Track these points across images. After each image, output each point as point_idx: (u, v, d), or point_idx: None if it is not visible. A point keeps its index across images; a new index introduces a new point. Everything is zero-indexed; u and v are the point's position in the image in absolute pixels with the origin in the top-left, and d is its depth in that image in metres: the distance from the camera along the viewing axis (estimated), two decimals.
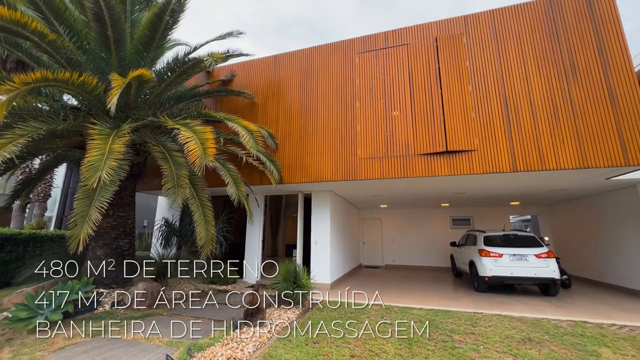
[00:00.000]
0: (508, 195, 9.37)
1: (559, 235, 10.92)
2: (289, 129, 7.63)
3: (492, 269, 6.95)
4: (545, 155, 5.57)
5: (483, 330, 4.54)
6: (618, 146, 5.24)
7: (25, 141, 3.83)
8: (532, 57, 6.04)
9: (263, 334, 4.32)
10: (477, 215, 12.26)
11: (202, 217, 5.13)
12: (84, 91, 4.45)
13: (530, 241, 7.25)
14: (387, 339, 4.19)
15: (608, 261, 8.06)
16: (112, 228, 5.89)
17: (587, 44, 5.78)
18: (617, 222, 7.64)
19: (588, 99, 5.56)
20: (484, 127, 6.04)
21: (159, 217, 9.65)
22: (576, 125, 5.53)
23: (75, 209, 3.92)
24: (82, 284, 4.97)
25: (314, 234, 8.20)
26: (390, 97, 6.81)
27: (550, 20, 6.09)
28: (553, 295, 6.84)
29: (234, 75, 8.48)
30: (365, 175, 6.66)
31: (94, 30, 4.95)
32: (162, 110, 6.27)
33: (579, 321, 4.96)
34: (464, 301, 6.50)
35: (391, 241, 13.04)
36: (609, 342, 4.10)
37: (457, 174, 6.06)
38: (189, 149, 4.21)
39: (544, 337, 4.30)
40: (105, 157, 3.82)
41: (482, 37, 6.47)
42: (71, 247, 3.80)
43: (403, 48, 7.02)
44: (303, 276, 6.00)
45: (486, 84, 6.22)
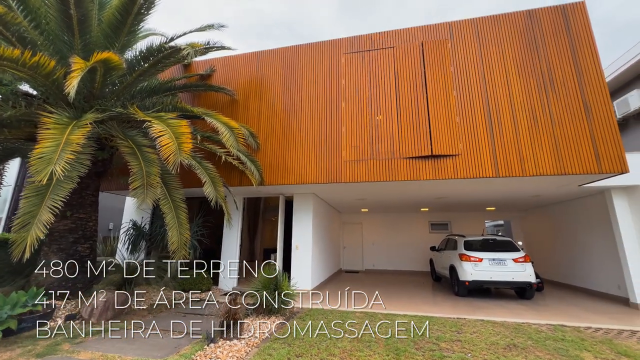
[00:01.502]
0: (485, 201, 9.61)
1: (530, 240, 11.38)
2: (272, 129, 7.31)
3: (472, 273, 7.01)
4: (526, 161, 5.69)
5: (469, 337, 4.46)
6: (592, 154, 5.46)
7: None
8: (513, 66, 6.20)
9: (241, 348, 3.96)
10: (455, 220, 12.53)
11: (175, 220, 4.67)
12: (38, 74, 3.89)
13: (508, 246, 7.42)
14: (374, 348, 3.99)
15: (577, 265, 8.44)
16: (70, 231, 5.24)
17: (563, 57, 6.01)
18: (587, 228, 8.03)
19: (565, 109, 5.76)
20: (468, 132, 6.09)
21: (126, 219, 8.89)
22: (554, 134, 5.71)
23: (22, 209, 3.36)
24: (29, 296, 4.33)
25: (295, 238, 7.89)
26: (377, 99, 6.72)
27: (530, 33, 6.30)
28: (529, 298, 7.01)
29: (213, 70, 8.04)
30: (349, 177, 6.48)
31: (54, 7, 4.39)
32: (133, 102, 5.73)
33: (557, 325, 5.04)
34: (446, 306, 6.48)
35: (371, 245, 12.98)
36: (589, 346, 4.16)
37: (442, 178, 6.05)
38: (162, 143, 3.79)
39: (528, 342, 4.30)
40: (60, 149, 3.31)
41: (466, 44, 6.57)
42: (15, 253, 3.24)
43: (389, 51, 6.98)
44: (284, 282, 5.67)
45: (470, 90, 6.30)
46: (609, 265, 7.16)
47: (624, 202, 6.78)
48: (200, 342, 4.15)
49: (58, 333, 4.24)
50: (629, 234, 6.58)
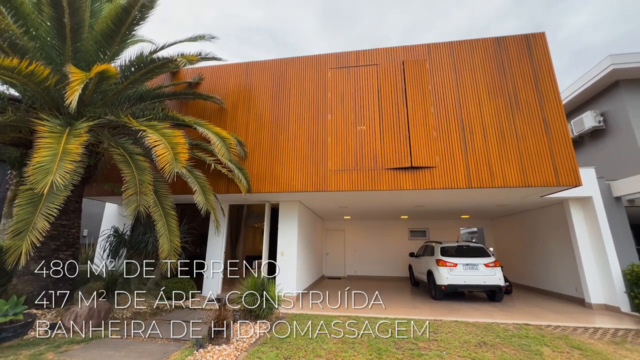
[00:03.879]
0: (460, 209, 10.24)
1: (500, 246, 12.17)
2: (259, 138, 7.51)
3: (448, 277, 7.47)
4: (495, 173, 6.25)
5: (444, 337, 4.83)
6: (551, 169, 6.10)
7: None
8: (484, 86, 6.82)
9: (231, 352, 4.09)
10: (433, 227, 13.15)
11: (165, 227, 4.73)
12: (31, 82, 3.90)
13: (480, 252, 7.97)
14: (358, 349, 4.25)
15: (541, 269, 9.18)
16: (52, 238, 5.14)
17: (527, 80, 6.70)
18: (548, 235, 8.80)
19: (528, 127, 6.40)
20: (444, 146, 6.59)
21: (105, 226, 8.70)
22: (519, 149, 6.32)
23: (16, 216, 3.34)
24: (10, 305, 4.23)
25: (280, 245, 8.05)
26: (360, 112, 7.12)
27: (499, 57, 6.97)
28: (499, 300, 7.56)
29: (202, 78, 8.16)
30: (335, 186, 6.79)
31: (47, 15, 4.42)
32: (121, 109, 5.76)
33: (522, 324, 5.54)
34: (424, 309, 6.86)
35: (353, 252, 13.31)
36: (548, 341, 4.64)
37: (420, 188, 6.48)
38: (158, 153, 3.90)
39: (496, 340, 4.72)
40: (58, 159, 3.35)
41: (443, 64, 7.14)
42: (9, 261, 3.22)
43: (373, 67, 7.44)
44: (271, 289, 5.83)
45: (446, 107, 6.84)
46: (568, 269, 7.89)
47: (580, 212, 7.54)
48: (189, 347, 4.23)
49: (40, 342, 4.17)
50: (584, 241, 7.31)
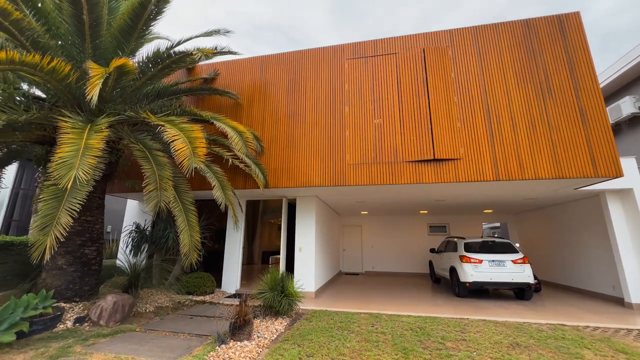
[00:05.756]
0: (483, 204, 9.81)
1: (526, 242, 11.62)
2: (276, 132, 7.41)
3: (472, 274, 7.16)
4: (525, 165, 5.87)
5: (473, 337, 4.59)
6: (588, 159, 5.66)
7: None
8: (512, 73, 6.40)
9: (252, 348, 4.03)
10: (453, 222, 12.73)
11: (185, 223, 4.72)
12: (53, 79, 3.94)
13: (507, 247, 7.60)
14: (383, 348, 4.09)
15: (572, 266, 8.67)
16: (78, 234, 5.25)
17: (560, 65, 6.23)
18: (582, 230, 8.27)
19: (562, 115, 5.97)
20: (469, 137, 6.26)
21: (127, 222, 8.90)
22: (552, 139, 5.90)
23: (41, 212, 3.39)
24: (40, 299, 4.34)
25: (298, 240, 7.97)
26: (379, 104, 6.87)
27: (528, 41, 6.52)
28: (527, 299, 7.18)
29: (217, 73, 8.12)
30: (353, 181, 6.60)
31: (67, 13, 4.45)
32: (140, 105, 5.79)
33: (557, 324, 5.20)
34: (448, 307, 6.60)
35: (371, 247, 13.11)
36: (588, 344, 4.31)
37: (444, 181, 6.20)
38: (177, 148, 3.86)
39: (530, 341, 4.44)
40: (80, 153, 3.37)
41: (466, 51, 6.76)
42: (34, 256, 3.27)
43: (392, 57, 7.15)
44: (290, 285, 5.76)
45: (470, 95, 6.48)
46: (604, 266, 7.39)
47: (618, 205, 7.01)
48: (210, 343, 4.21)
49: (69, 335, 4.26)
50: (623, 236, 6.80)
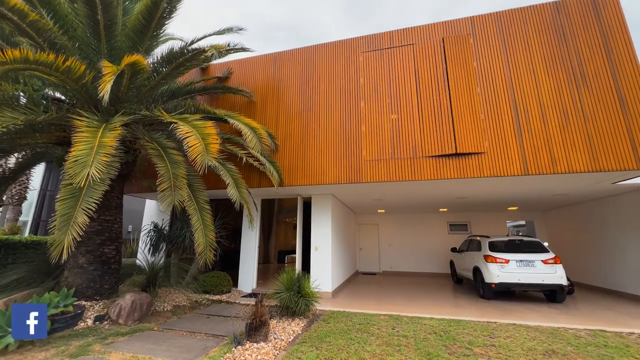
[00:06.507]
0: (508, 200, 9.30)
1: (555, 241, 10.95)
2: (290, 130, 7.28)
3: (499, 275, 6.77)
4: (557, 158, 5.45)
5: (503, 342, 4.28)
6: (630, 150, 5.18)
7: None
8: (540, 60, 5.97)
9: (269, 350, 3.91)
10: (475, 220, 12.20)
11: (200, 222, 4.67)
12: (69, 79, 3.97)
13: (536, 246, 7.14)
14: (405, 353, 3.86)
15: (609, 267, 8.05)
16: (97, 233, 5.32)
17: (595, 49, 5.75)
18: (620, 227, 7.65)
19: (598, 103, 5.50)
20: (494, 130, 5.89)
21: (146, 221, 9.04)
22: (587, 129, 5.45)
23: (58, 211, 3.42)
24: (61, 297, 4.40)
25: (314, 239, 7.82)
26: (397, 97, 6.60)
27: (558, 25, 6.06)
28: (560, 302, 6.71)
29: (231, 72, 8.09)
30: (370, 177, 6.37)
31: (82, 14, 4.49)
32: (155, 105, 5.81)
33: (596, 330, 4.78)
34: (473, 309, 6.26)
35: (388, 246, 12.79)
36: (635, 352, 3.91)
37: (466, 177, 5.86)
38: (189, 144, 3.80)
39: (567, 348, 4.08)
40: (94, 152, 3.36)
41: (489, 38, 6.38)
42: (53, 255, 3.29)
43: (409, 48, 6.85)
44: (307, 285, 5.61)
45: (495, 85, 6.10)
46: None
47: None
48: (227, 344, 4.12)
49: (88, 333, 4.29)
50: None
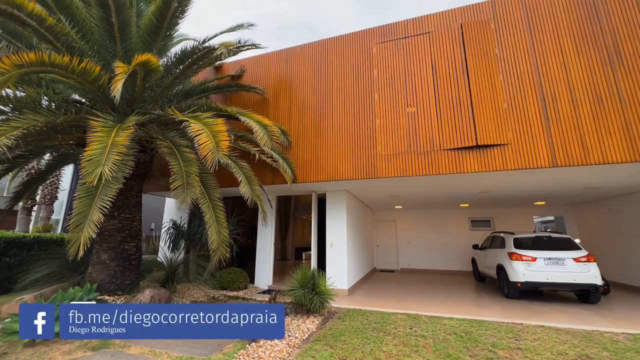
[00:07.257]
0: (534, 195, 8.77)
1: (587, 237, 10.24)
2: (303, 126, 7.20)
3: (525, 273, 6.39)
4: (590, 147, 5.03)
5: (530, 345, 4.01)
6: None
7: (19, 133, 3.47)
8: (570, 41, 5.52)
9: (283, 348, 3.87)
10: (498, 216, 11.65)
11: (213, 219, 4.71)
12: (85, 81, 4.09)
13: (566, 244, 6.67)
14: (423, 354, 3.70)
15: None
16: (118, 230, 5.51)
17: (632, 26, 5.24)
18: None
19: (636, 84, 5.01)
20: (518, 119, 5.52)
21: (166, 219, 9.29)
22: (624, 114, 4.99)
23: (75, 209, 3.54)
24: (84, 292, 4.57)
25: (329, 236, 7.73)
26: (412, 88, 6.34)
27: (590, 1, 5.57)
28: (593, 302, 6.24)
29: (243, 70, 8.10)
30: (386, 172, 6.18)
31: (97, 17, 4.61)
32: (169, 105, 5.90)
33: (636, 334, 4.39)
34: (496, 309, 5.95)
35: (406, 243, 12.48)
36: None
37: (489, 170, 5.55)
38: (200, 142, 3.81)
39: (603, 353, 3.76)
40: (107, 151, 3.44)
41: (513, 21, 5.97)
42: (70, 251, 3.41)
43: (425, 37, 6.55)
44: (322, 282, 5.54)
45: (519, 72, 5.72)
46: None
47: None
48: (241, 340, 4.12)
49: None
50: None
